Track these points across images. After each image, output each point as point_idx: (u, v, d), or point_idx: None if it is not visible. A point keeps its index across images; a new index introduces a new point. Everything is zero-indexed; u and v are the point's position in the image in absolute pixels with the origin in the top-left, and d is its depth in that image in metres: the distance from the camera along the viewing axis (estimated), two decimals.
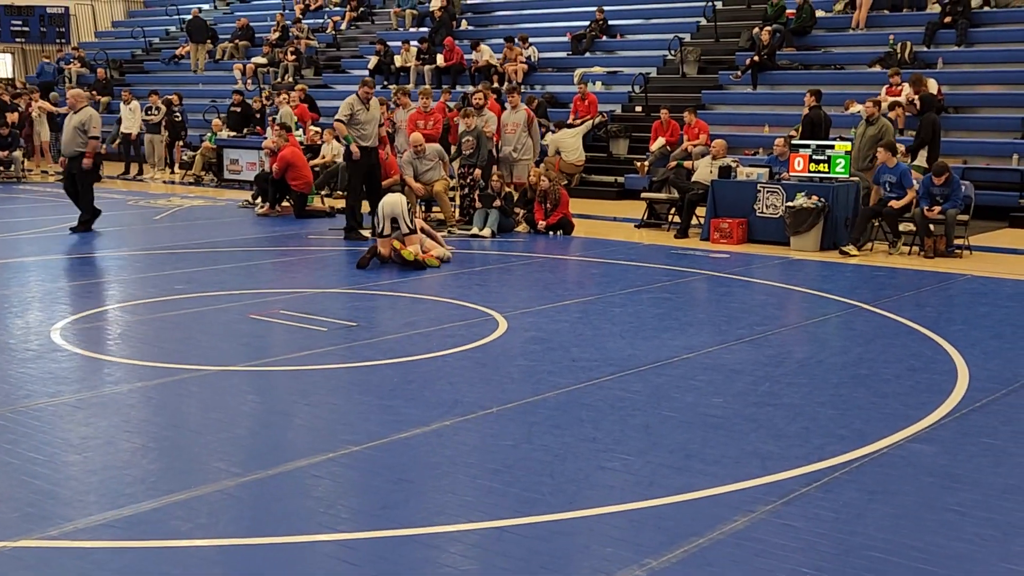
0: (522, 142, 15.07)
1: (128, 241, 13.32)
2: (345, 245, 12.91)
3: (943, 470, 5.18)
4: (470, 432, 5.68)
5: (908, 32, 19.24)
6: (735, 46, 21.15)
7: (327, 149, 18.94)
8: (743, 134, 18.43)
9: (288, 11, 30.03)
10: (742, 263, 11.82)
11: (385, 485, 4.89)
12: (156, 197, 19.02)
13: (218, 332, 8.28)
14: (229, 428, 5.75)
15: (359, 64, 26.08)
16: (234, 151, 21.10)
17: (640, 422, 5.88)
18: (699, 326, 8.52)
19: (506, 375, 6.89)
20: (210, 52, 29.39)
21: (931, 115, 14.63)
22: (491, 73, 22.30)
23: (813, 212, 12.69)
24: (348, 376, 6.88)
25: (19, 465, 5.06)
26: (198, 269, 11.06)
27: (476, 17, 26.74)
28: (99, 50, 31.55)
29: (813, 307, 9.66)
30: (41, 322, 8.38)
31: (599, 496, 4.79)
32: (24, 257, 11.83)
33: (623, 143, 19.47)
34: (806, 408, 6.21)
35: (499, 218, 13.95)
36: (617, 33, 23.59)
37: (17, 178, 22.05)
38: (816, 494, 4.81)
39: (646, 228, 14.90)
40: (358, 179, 13.49)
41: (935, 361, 7.42)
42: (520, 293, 9.97)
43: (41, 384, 6.54)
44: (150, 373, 6.85)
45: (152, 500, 4.64)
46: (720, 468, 5.14)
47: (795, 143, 13.72)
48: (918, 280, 10.92)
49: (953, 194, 12.36)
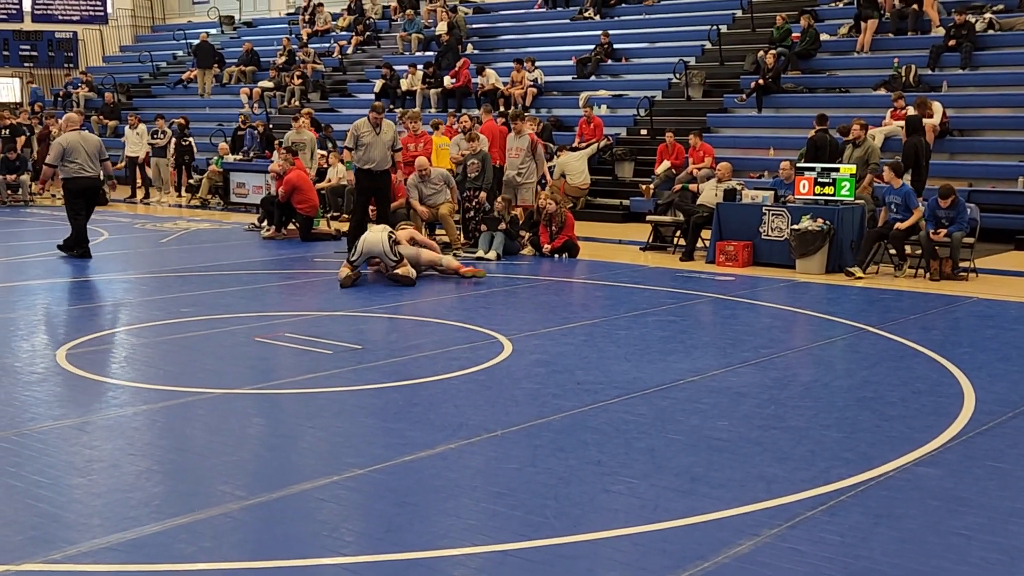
0: (526, 166, 15.11)
1: (135, 264, 13.36)
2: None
3: (949, 493, 5.16)
4: (474, 455, 5.67)
5: (913, 55, 19.29)
6: (740, 69, 21.22)
7: (333, 172, 19.01)
8: (748, 157, 18.46)
9: (294, 36, 30.21)
10: (747, 286, 11.82)
11: (389, 508, 4.89)
12: (163, 220, 19.08)
13: (223, 355, 8.29)
14: (234, 451, 5.75)
15: (365, 88, 26.21)
16: (240, 174, 21.18)
17: (645, 445, 5.87)
18: (704, 349, 8.51)
19: (511, 398, 6.88)
20: (217, 76, 29.56)
21: (914, 139, 14.54)
22: (497, 96, 22.40)
23: (818, 235, 12.69)
24: (353, 399, 6.88)
25: (23, 488, 5.06)
26: (204, 292, 11.08)
27: (482, 41, 26.87)
28: (107, 74, 31.76)
29: (819, 330, 9.65)
30: (47, 345, 8.40)
31: (604, 520, 4.78)
32: (31, 280, 11.86)
33: (628, 166, 19.51)
34: (811, 431, 6.19)
35: (504, 241, 13.98)
36: (622, 57, 23.67)
37: (24, 201, 22.14)
38: (821, 517, 4.79)
39: (651, 251, 14.91)
40: (363, 203, 13.52)
41: (941, 384, 7.40)
42: (525, 316, 9.97)
43: (46, 407, 6.55)
44: (155, 396, 6.85)
45: (156, 523, 4.64)
46: (725, 491, 5.13)
47: (800, 166, 13.74)
48: (924, 303, 10.90)
49: (959, 217, 12.36)
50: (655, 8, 25.46)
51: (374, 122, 13.33)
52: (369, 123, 13.32)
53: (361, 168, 13.37)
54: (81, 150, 13.41)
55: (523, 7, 28.27)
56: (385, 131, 13.39)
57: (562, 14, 26.64)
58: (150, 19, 37.12)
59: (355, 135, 13.33)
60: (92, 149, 13.57)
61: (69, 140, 13.49)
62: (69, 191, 13.62)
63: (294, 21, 31.65)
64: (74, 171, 13.41)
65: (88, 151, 13.48)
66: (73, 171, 13.41)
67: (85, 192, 13.61)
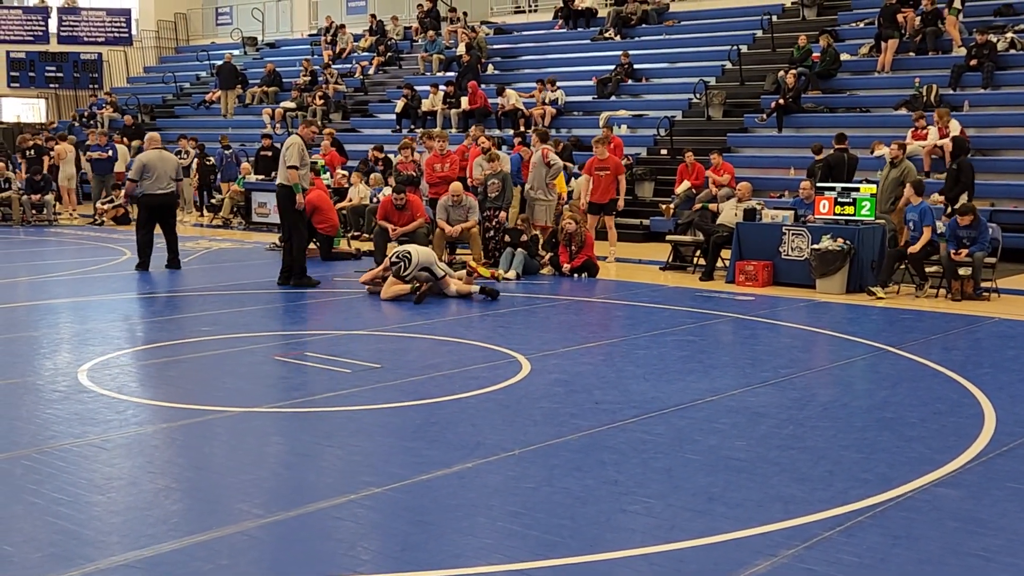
0: (539, 181, 15.14)
1: (156, 283, 13.44)
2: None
3: (968, 515, 5.13)
4: (492, 474, 5.67)
5: (934, 75, 19.27)
6: (760, 89, 21.24)
7: (354, 192, 19.11)
8: (768, 176, 18.46)
9: (316, 56, 30.43)
10: (767, 306, 11.79)
11: (406, 527, 4.89)
12: (185, 239, 19.15)
13: (243, 373, 8.33)
14: (252, 469, 5.77)
15: (386, 108, 26.38)
16: (262, 194, 21.31)
17: (662, 465, 5.85)
18: (723, 369, 8.49)
19: (528, 417, 6.88)
20: (240, 97, 29.79)
21: (965, 159, 14.53)
22: (518, 117, 22.48)
23: (839, 255, 12.65)
24: (371, 417, 6.90)
25: (43, 505, 5.10)
26: (224, 311, 11.14)
27: (503, 62, 26.98)
28: (131, 95, 32.04)
29: (838, 350, 9.61)
30: (69, 363, 8.46)
31: (620, 539, 4.77)
32: (54, 299, 11.96)
33: (648, 186, 19.52)
34: (830, 451, 6.17)
35: (524, 260, 13.99)
36: (642, 77, 23.73)
37: (49, 221, 22.35)
38: (839, 538, 4.77)
39: (671, 270, 14.90)
40: (303, 225, 13.24)
41: (961, 405, 7.35)
42: (544, 335, 9.97)
43: (67, 425, 6.60)
44: (175, 414, 6.89)
45: (174, 541, 4.66)
46: (742, 512, 5.11)
47: (820, 185, 13.70)
48: (945, 323, 10.85)
49: (980, 236, 12.31)
50: (675, 28, 25.54)
51: (309, 139, 13.08)
52: (305, 141, 12.93)
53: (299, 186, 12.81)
54: (159, 167, 14.22)
55: (544, 28, 28.41)
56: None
57: (582, 34, 26.74)
58: (174, 40, 37.46)
59: (300, 154, 12.74)
60: (170, 168, 14.44)
61: (150, 157, 14.35)
62: (146, 206, 14.45)
63: (316, 42, 31.90)
64: (150, 187, 14.22)
65: (166, 169, 14.32)
66: (149, 187, 14.22)
67: (160, 208, 14.37)
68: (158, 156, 14.47)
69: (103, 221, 22.20)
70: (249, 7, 35.68)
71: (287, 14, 35.83)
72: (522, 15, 30.38)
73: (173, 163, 14.68)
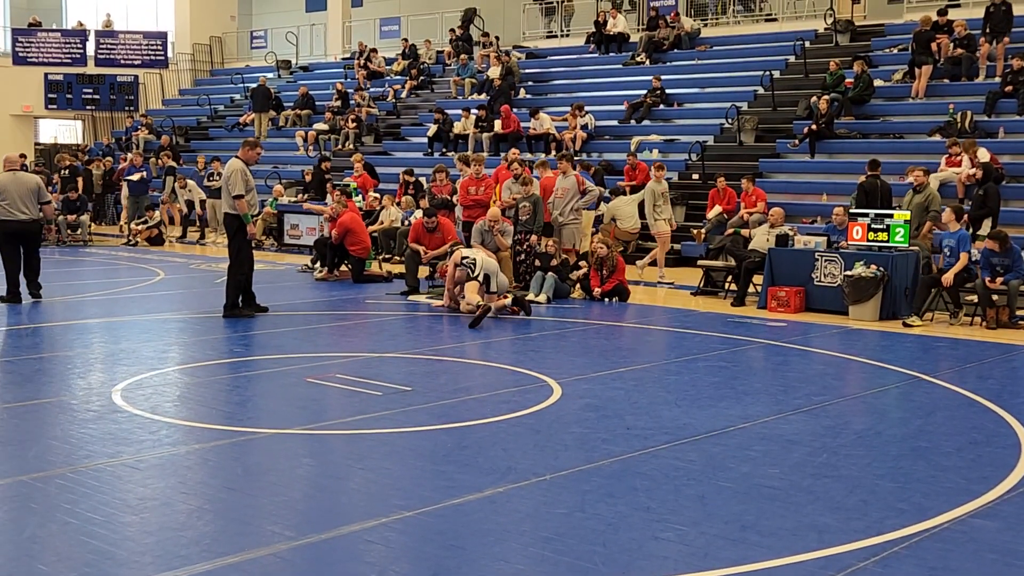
0: (569, 207, 15.16)
1: (189, 303, 13.53)
2: (403, 310, 13.01)
3: (1006, 547, 5.06)
4: (523, 499, 5.66)
5: (968, 101, 19.15)
6: (792, 114, 21.18)
7: (385, 215, 19.20)
8: (801, 202, 18.38)
9: (350, 79, 30.64)
10: (800, 332, 11.72)
11: (437, 552, 4.88)
12: (217, 261, 19.29)
13: (275, 395, 8.37)
14: (284, 491, 5.78)
15: (419, 132, 26.51)
16: (294, 216, 21.46)
17: (695, 492, 5.82)
18: (756, 395, 8.44)
19: (560, 442, 6.87)
20: (273, 120, 30.03)
21: (993, 184, 14.49)
22: (549, 141, 22.53)
23: (872, 281, 12.57)
24: (402, 441, 6.90)
25: (78, 525, 5.13)
26: (257, 332, 11.19)
27: (535, 86, 27.07)
28: (166, 117, 32.38)
29: (872, 377, 9.53)
30: (103, 383, 8.52)
31: (652, 567, 4.74)
32: (88, 319, 12.06)
33: (680, 211, 19.47)
34: (864, 480, 6.11)
35: (555, 284, 13.99)
36: (674, 102, 23.73)
37: (84, 241, 22.58)
38: (874, 569, 4.72)
39: (703, 296, 14.85)
40: (246, 256, 12.33)
41: (998, 435, 7.27)
42: (575, 360, 9.95)
43: (101, 444, 6.64)
44: (208, 435, 6.93)
45: (206, 562, 4.67)
46: (776, 540, 5.07)
47: (853, 212, 13.64)
48: (980, 351, 10.74)
49: (1015, 264, 12.20)
50: (707, 53, 25.53)
51: (251, 162, 12.09)
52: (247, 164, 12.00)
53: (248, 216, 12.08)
54: (11, 191, 12.78)
55: (576, 52, 28.47)
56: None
57: (614, 59, 26.79)
58: (209, 63, 37.84)
59: (244, 180, 11.88)
60: (24, 191, 12.89)
61: (1, 180, 12.87)
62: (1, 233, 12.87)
63: (349, 66, 32.13)
64: (2, 213, 12.79)
65: (19, 193, 12.83)
66: (1, 213, 12.79)
67: (16, 235, 12.97)
68: (11, 179, 12.91)
69: (137, 242, 22.41)
70: (283, 31, 36.00)
71: (321, 38, 36.11)
72: (554, 39, 30.47)
73: (30, 185, 12.97)
